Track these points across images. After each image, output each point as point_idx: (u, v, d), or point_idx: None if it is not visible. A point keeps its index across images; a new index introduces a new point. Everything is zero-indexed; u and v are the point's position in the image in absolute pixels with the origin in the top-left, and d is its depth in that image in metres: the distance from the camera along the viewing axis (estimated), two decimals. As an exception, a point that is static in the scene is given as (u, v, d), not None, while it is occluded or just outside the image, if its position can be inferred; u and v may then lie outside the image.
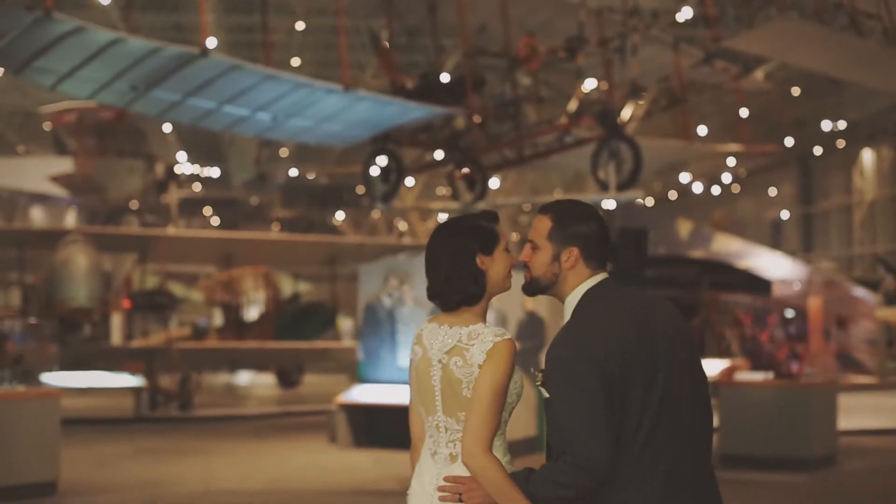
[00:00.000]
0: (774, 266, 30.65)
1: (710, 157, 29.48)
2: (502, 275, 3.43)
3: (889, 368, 29.39)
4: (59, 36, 12.49)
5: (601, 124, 16.43)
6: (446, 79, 17.41)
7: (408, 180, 27.10)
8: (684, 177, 39.93)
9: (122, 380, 20.95)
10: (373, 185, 17.62)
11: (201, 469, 13.41)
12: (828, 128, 36.94)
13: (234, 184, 38.86)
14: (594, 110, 16.54)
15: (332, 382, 27.12)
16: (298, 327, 25.68)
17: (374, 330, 15.79)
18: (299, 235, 33.03)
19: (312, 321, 26.56)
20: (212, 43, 28.70)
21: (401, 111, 16.33)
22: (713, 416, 3.44)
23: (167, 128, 31.85)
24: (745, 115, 23.01)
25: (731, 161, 38.08)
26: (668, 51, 18.38)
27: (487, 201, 19.73)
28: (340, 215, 44.82)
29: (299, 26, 28.03)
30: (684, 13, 20.11)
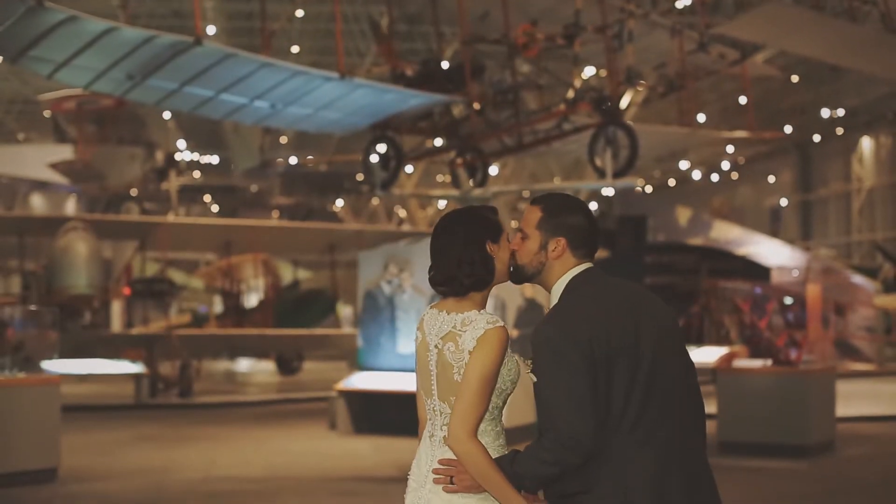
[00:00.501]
0: (773, 253, 30.72)
1: (714, 144, 29.43)
2: (507, 264, 3.51)
3: (887, 355, 29.46)
4: (53, 25, 12.48)
5: (598, 111, 16.38)
6: (447, 66, 17.40)
7: (407, 167, 27.14)
8: (683, 164, 39.92)
9: (122, 367, 20.96)
10: (372, 172, 17.62)
11: (201, 456, 13.44)
12: (826, 115, 36.91)
13: (237, 172, 38.79)
14: (590, 97, 16.49)
15: (331, 369, 27.17)
16: (298, 314, 25.70)
17: (374, 317, 15.80)
18: (299, 222, 33.06)
19: (312, 308, 26.58)
20: (211, 30, 28.76)
21: (399, 98, 16.31)
22: (704, 404, 3.48)
23: (167, 115, 31.82)
24: (747, 101, 22.95)
25: (730, 148, 38.03)
26: (668, 37, 18.32)
27: (486, 188, 19.76)
28: (340, 202, 44.81)
29: (299, 13, 28.00)
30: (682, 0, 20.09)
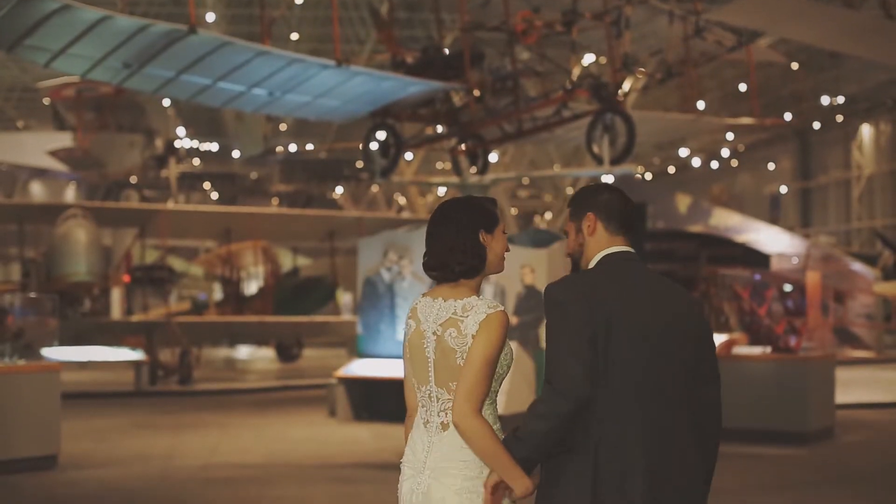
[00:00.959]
0: (773, 240, 30.71)
1: (717, 130, 29.40)
2: (500, 255, 3.57)
3: (886, 342, 29.51)
4: (47, 14, 12.44)
5: (595, 97, 16.34)
6: (447, 53, 17.36)
7: (407, 155, 27.09)
8: (683, 151, 39.92)
9: (122, 354, 20.96)
10: (372, 159, 17.60)
11: (201, 442, 13.46)
12: (826, 102, 36.89)
13: (241, 159, 38.82)
14: (588, 84, 16.46)
15: (331, 356, 27.22)
16: (298, 301, 25.70)
17: (374, 304, 15.81)
18: (299, 210, 33.07)
19: (312, 295, 26.58)
20: (210, 18, 28.71)
21: (398, 86, 16.27)
22: (713, 396, 3.50)
23: (166, 102, 31.80)
24: (747, 88, 22.89)
25: (730, 136, 38.01)
26: (667, 23, 18.26)
27: (486, 175, 19.74)
28: (339, 189, 44.82)
29: (298, 0, 27.97)
30: None
